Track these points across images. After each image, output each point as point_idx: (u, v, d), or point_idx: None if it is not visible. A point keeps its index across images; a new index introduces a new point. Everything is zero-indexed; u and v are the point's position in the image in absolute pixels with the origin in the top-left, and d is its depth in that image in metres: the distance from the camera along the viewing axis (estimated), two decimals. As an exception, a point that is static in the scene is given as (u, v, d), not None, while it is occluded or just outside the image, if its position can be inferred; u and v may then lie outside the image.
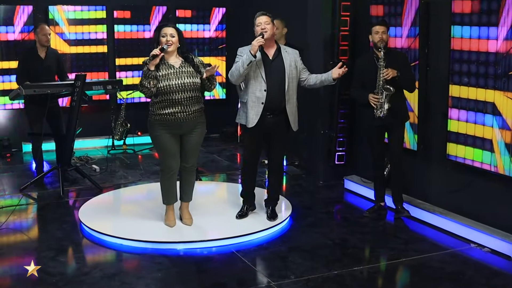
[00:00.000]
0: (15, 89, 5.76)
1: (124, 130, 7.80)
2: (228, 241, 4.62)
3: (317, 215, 5.36)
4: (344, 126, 6.22)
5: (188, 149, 4.72)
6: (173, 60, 4.61)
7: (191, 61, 4.63)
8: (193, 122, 4.64)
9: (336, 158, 6.24)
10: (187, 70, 4.58)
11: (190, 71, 4.59)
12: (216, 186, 6.34)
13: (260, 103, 4.74)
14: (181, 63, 4.61)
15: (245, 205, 5.10)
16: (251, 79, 4.77)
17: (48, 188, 6.11)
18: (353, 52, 6.07)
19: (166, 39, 4.51)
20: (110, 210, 5.49)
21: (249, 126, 4.81)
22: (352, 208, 5.65)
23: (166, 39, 4.51)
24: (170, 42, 4.50)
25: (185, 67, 4.59)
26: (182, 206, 4.92)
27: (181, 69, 4.57)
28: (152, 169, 6.90)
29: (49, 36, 6.12)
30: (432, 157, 5.29)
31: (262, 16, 4.75)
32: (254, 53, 4.59)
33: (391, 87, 4.90)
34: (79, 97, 5.81)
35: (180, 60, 4.63)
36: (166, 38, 4.51)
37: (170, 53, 4.57)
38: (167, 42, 4.49)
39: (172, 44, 4.52)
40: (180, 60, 4.63)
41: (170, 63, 4.57)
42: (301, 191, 6.10)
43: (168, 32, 4.53)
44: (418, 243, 4.72)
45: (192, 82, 4.56)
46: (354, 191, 5.99)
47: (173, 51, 4.58)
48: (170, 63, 4.58)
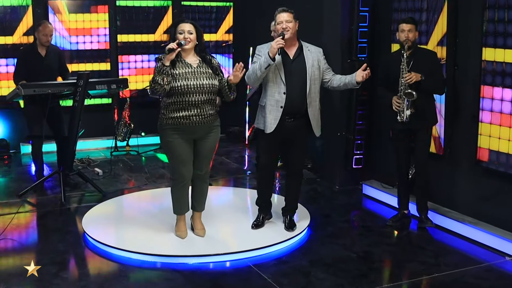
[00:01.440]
0: (13, 88, 5.39)
1: (127, 130, 7.42)
2: (244, 254, 4.28)
3: (336, 224, 5.02)
4: (362, 128, 5.88)
5: (202, 155, 4.38)
6: (190, 58, 4.25)
7: (209, 62, 4.28)
8: (208, 126, 4.29)
9: (354, 161, 5.90)
10: (205, 71, 4.22)
11: (209, 72, 4.23)
12: (227, 192, 5.98)
13: (279, 107, 4.39)
14: (198, 62, 4.25)
15: (261, 214, 4.76)
16: (269, 81, 4.43)
17: (48, 194, 5.76)
18: (373, 50, 5.73)
19: (183, 36, 4.14)
20: (116, 219, 5.13)
21: (267, 131, 4.46)
22: (373, 216, 5.31)
23: (184, 36, 4.14)
24: (188, 40, 4.15)
25: (203, 67, 4.24)
26: (194, 216, 4.57)
27: (199, 69, 4.22)
28: (157, 172, 6.55)
29: (50, 38, 5.72)
30: (460, 162, 4.96)
31: (284, 13, 4.38)
32: (273, 56, 4.25)
33: (414, 91, 4.57)
34: (82, 97, 5.45)
35: (198, 59, 4.27)
36: (184, 35, 4.15)
37: (187, 51, 4.20)
38: (184, 39, 4.14)
39: (190, 42, 4.17)
40: (197, 59, 4.27)
41: (187, 62, 4.22)
42: (317, 196, 5.76)
43: (185, 29, 4.17)
44: (448, 256, 4.38)
45: (210, 84, 4.20)
46: (373, 197, 5.66)
47: (191, 49, 4.22)
48: (187, 61, 4.22)
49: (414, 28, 4.67)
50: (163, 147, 4.43)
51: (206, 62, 4.26)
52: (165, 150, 4.46)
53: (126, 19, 7.78)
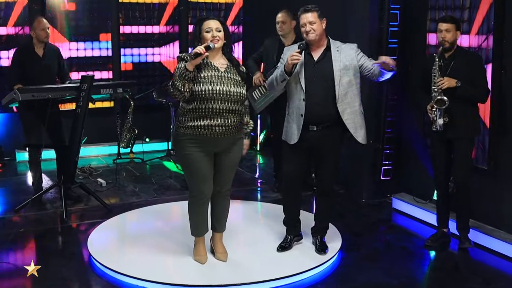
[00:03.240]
0: (9, 93, 4.86)
1: (131, 136, 6.88)
2: (274, 283, 3.78)
3: (371, 245, 4.53)
4: (392, 136, 5.39)
5: (224, 170, 3.87)
6: (217, 61, 3.73)
7: (236, 66, 3.77)
8: (232, 138, 3.79)
9: (382, 172, 5.41)
10: (233, 77, 3.71)
11: (237, 79, 3.72)
12: (245, 206, 5.40)
13: (300, 115, 3.91)
14: (226, 67, 3.74)
15: (289, 235, 4.26)
16: (291, 85, 3.95)
17: (47, 208, 5.22)
18: (404, 51, 5.24)
19: (211, 35, 3.63)
20: (125, 240, 4.60)
21: (291, 142, 3.98)
22: (407, 234, 4.81)
23: (212, 34, 3.63)
24: (217, 39, 3.64)
25: (231, 72, 3.73)
26: (215, 238, 4.07)
27: (227, 74, 3.70)
28: (165, 183, 6.03)
29: (49, 31, 5.22)
30: (506, 176, 4.48)
31: (307, 14, 3.88)
32: (289, 71, 3.79)
33: (447, 98, 4.11)
34: (85, 102, 4.92)
35: (226, 62, 3.76)
36: (212, 34, 3.63)
37: (214, 51, 3.68)
38: (213, 38, 3.63)
39: (219, 41, 3.66)
40: (225, 62, 3.76)
41: (214, 64, 3.70)
42: (343, 211, 5.25)
43: (213, 27, 3.65)
44: (500, 283, 3.92)
45: (238, 92, 3.69)
46: (405, 212, 5.16)
47: (218, 49, 3.71)
48: (214, 64, 3.71)
49: (454, 27, 4.18)
50: (179, 160, 3.92)
51: (234, 66, 3.76)
52: (181, 164, 3.95)
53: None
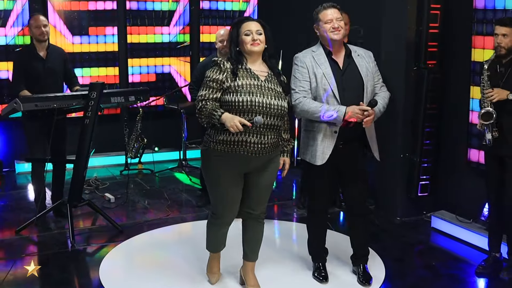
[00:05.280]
0: (10, 102, 4.35)
1: (139, 146, 6.38)
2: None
3: (416, 272, 4.06)
4: (430, 149, 4.91)
5: (258, 191, 3.39)
6: (258, 67, 3.25)
7: (278, 75, 3.28)
8: (268, 157, 3.30)
9: (420, 188, 4.94)
10: (274, 88, 3.22)
11: (278, 90, 3.24)
12: (274, 227, 4.84)
13: (333, 132, 3.44)
14: (267, 75, 3.25)
15: (318, 263, 3.79)
16: (319, 99, 3.46)
17: (52, 228, 4.72)
18: (445, 56, 4.77)
19: (251, 38, 3.16)
20: (142, 269, 3.96)
21: (318, 163, 3.49)
22: (454, 258, 4.32)
23: (252, 37, 3.16)
24: (257, 42, 3.17)
25: (272, 82, 3.24)
26: (246, 268, 3.57)
27: (267, 84, 3.22)
28: (179, 199, 5.54)
29: (45, 28, 4.67)
30: None
31: (333, 9, 3.43)
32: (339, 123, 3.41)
33: (494, 112, 3.67)
34: (94, 112, 4.43)
35: (267, 70, 3.28)
36: (252, 37, 3.17)
37: (254, 56, 3.22)
38: (253, 42, 3.15)
39: (259, 44, 3.18)
40: (266, 70, 3.28)
41: (253, 71, 3.22)
42: (376, 231, 4.76)
43: (253, 29, 3.18)
44: None
45: (280, 105, 3.21)
46: (446, 232, 4.68)
47: (259, 53, 3.24)
48: (253, 70, 3.23)
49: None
50: (205, 177, 3.42)
51: (275, 75, 3.28)
52: (207, 182, 3.44)
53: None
